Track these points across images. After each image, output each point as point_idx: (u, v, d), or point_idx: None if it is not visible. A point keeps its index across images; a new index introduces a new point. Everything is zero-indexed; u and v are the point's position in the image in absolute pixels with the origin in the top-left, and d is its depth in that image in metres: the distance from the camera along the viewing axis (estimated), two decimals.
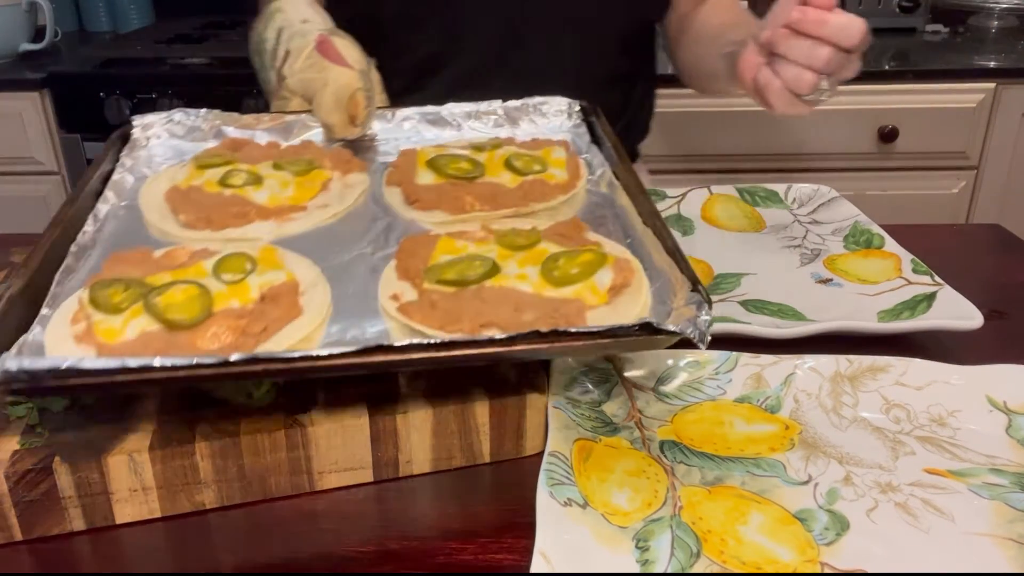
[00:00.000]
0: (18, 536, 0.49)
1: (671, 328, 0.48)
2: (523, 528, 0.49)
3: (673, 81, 1.12)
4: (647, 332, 0.48)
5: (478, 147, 0.72)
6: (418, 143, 0.76)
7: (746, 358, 0.62)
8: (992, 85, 1.76)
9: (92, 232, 0.62)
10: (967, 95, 1.77)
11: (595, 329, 0.48)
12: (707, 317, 0.49)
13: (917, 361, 0.60)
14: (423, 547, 0.49)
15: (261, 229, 0.63)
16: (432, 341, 0.47)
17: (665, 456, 0.54)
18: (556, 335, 0.47)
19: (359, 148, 0.75)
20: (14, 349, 0.48)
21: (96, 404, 0.53)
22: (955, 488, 0.52)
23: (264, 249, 0.59)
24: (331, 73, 0.68)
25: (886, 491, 0.51)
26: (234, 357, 0.44)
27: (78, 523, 0.50)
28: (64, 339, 0.51)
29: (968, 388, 0.59)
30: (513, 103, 0.80)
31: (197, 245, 0.60)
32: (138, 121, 0.74)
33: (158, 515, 0.51)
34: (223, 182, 0.66)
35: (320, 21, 0.77)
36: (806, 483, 0.52)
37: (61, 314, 0.53)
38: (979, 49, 1.96)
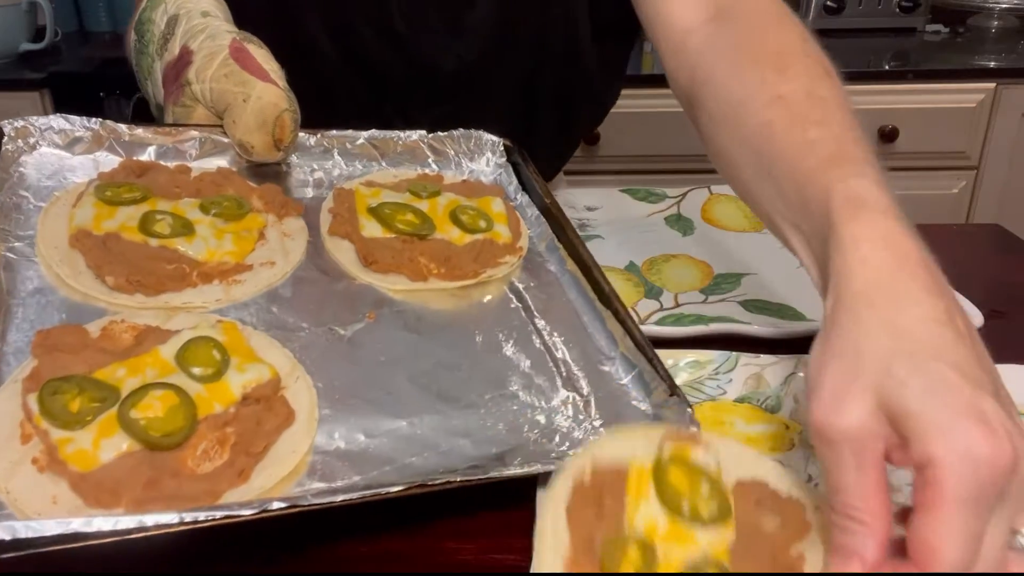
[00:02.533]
0: None
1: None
2: (523, 528, 0.49)
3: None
4: None
5: (415, 192, 0.68)
6: (340, 176, 0.71)
7: (746, 358, 0.62)
8: (992, 85, 1.76)
9: None
10: (967, 95, 1.77)
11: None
12: (693, 420, 0.51)
13: None
14: (423, 547, 0.49)
15: (206, 295, 0.56)
16: (454, 480, 0.46)
17: None
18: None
19: (279, 176, 0.69)
20: None
21: None
22: None
23: (227, 328, 0.53)
24: (254, 89, 0.62)
25: None
26: (275, 506, 0.42)
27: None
28: (20, 468, 0.43)
29: None
30: (436, 135, 0.76)
31: (131, 315, 0.53)
32: (8, 127, 0.63)
33: None
34: (146, 229, 0.58)
35: (221, 14, 0.69)
36: (806, 483, 0.52)
37: None
38: (979, 49, 1.96)
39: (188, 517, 0.40)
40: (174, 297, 0.55)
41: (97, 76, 1.77)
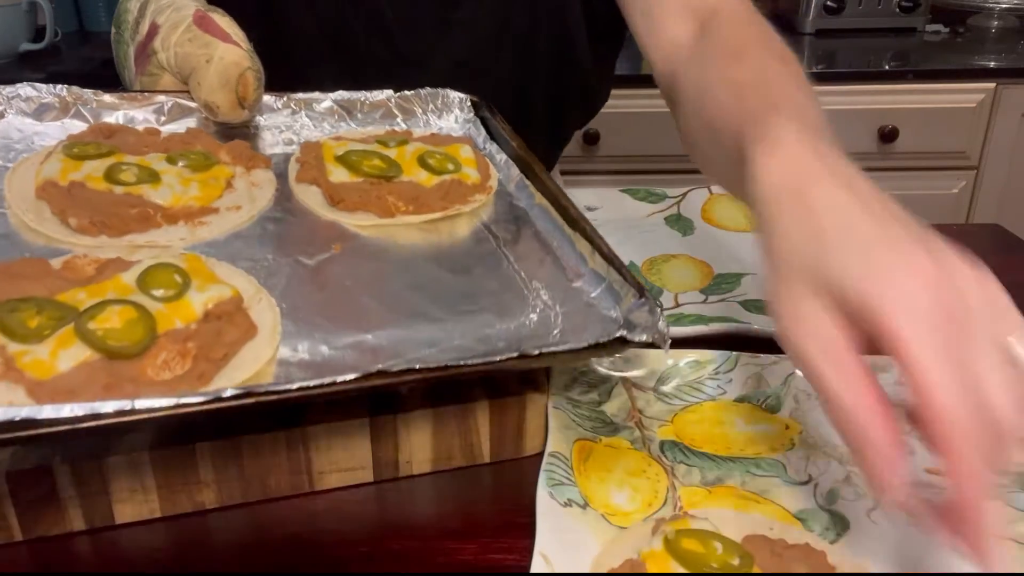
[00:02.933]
0: (18, 536, 0.49)
1: (641, 339, 0.49)
2: (523, 528, 0.49)
3: None
4: (611, 345, 0.49)
5: (383, 142, 0.69)
6: (311, 135, 0.72)
7: (746, 358, 0.62)
8: (992, 85, 1.76)
9: None
10: (967, 95, 1.77)
11: (563, 349, 0.48)
12: (663, 322, 0.49)
13: None
14: (423, 547, 0.49)
15: (171, 234, 0.57)
16: (427, 365, 0.46)
17: (665, 456, 0.54)
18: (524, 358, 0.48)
19: (247, 138, 0.70)
20: None
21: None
22: None
23: (189, 258, 0.54)
24: (216, 50, 0.63)
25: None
26: (227, 393, 0.41)
27: (78, 523, 0.50)
28: None
29: None
30: (403, 94, 0.77)
31: (98, 253, 0.54)
32: None
33: (158, 515, 0.51)
34: (111, 178, 0.59)
35: None
36: (806, 483, 0.52)
37: None
38: (979, 49, 1.96)
39: (141, 404, 0.40)
40: (138, 237, 0.56)
41: (97, 76, 1.77)
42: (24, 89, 0.66)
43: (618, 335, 0.49)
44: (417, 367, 0.46)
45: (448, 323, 0.54)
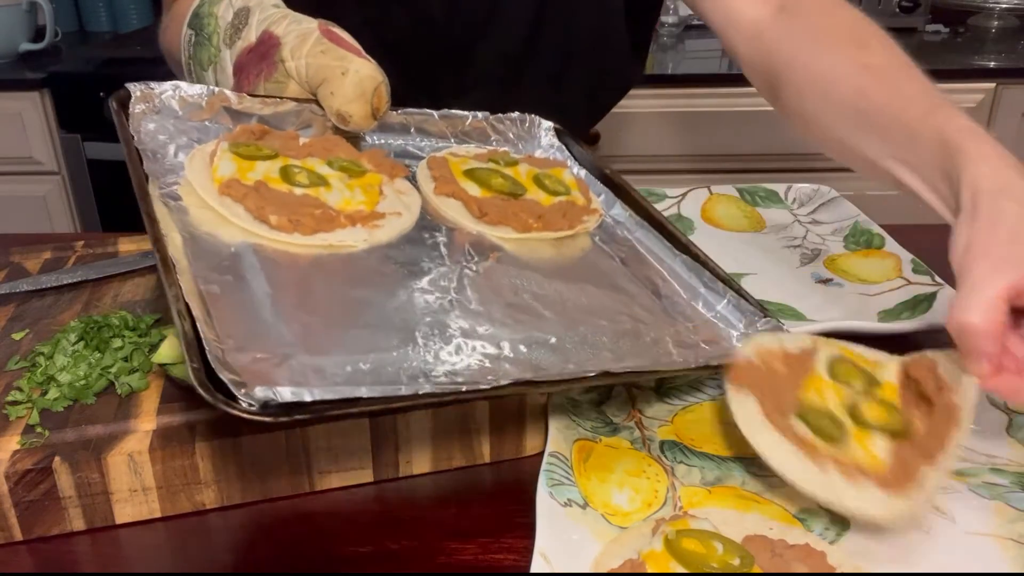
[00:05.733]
0: (18, 536, 0.49)
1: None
2: (523, 528, 0.49)
3: (672, 81, 1.12)
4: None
5: (495, 160, 0.73)
6: (413, 149, 0.76)
7: None
8: (992, 85, 1.76)
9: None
10: (967, 95, 1.77)
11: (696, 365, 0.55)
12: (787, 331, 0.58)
13: None
14: (423, 547, 0.49)
15: (355, 235, 0.60)
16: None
17: (665, 456, 0.54)
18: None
19: (358, 147, 0.73)
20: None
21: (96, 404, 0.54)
22: (955, 488, 0.52)
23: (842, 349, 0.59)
24: (352, 63, 0.67)
25: None
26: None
27: (78, 523, 0.50)
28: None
29: None
30: (498, 116, 0.81)
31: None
32: (135, 90, 0.68)
33: (158, 515, 0.51)
34: (288, 179, 0.63)
35: (284, 7, 0.75)
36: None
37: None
38: (979, 49, 1.96)
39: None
40: (327, 236, 0.59)
41: (97, 76, 1.77)
42: (176, 87, 0.70)
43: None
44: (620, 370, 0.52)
45: (607, 336, 0.57)
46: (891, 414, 0.52)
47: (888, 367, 0.56)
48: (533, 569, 0.44)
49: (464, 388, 0.47)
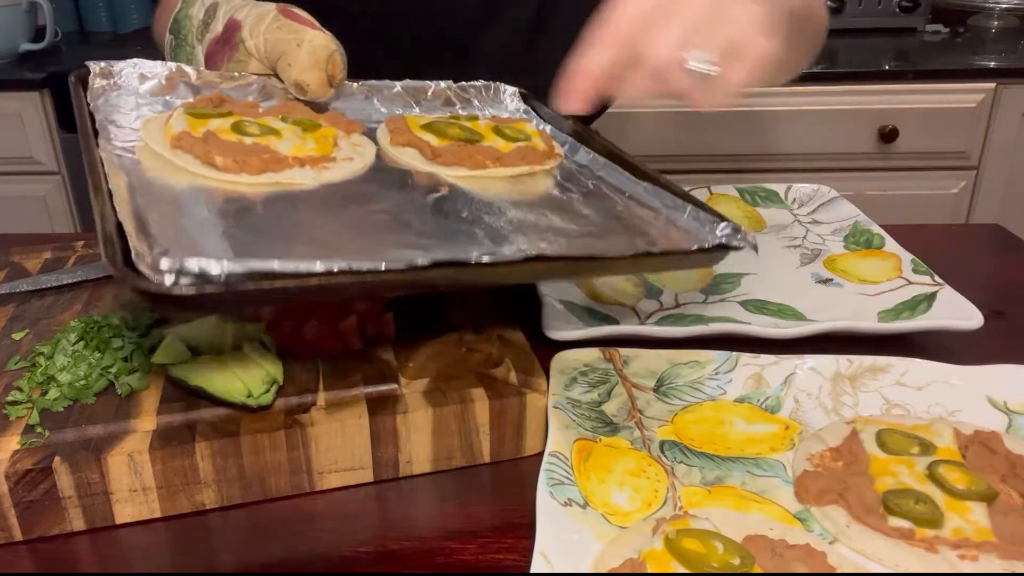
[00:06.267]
0: (18, 536, 0.49)
1: (737, 244, 0.56)
2: (523, 528, 0.49)
3: None
4: (707, 251, 0.57)
5: (456, 117, 0.75)
6: (382, 117, 0.77)
7: (746, 358, 0.62)
8: (992, 85, 1.76)
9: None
10: (967, 95, 1.77)
11: (666, 251, 0.56)
12: (752, 235, 0.57)
13: (917, 361, 0.60)
14: (423, 547, 0.49)
15: (302, 175, 0.61)
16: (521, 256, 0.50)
17: (665, 456, 0.54)
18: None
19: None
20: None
21: (97, 403, 0.54)
22: None
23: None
24: (306, 34, 0.70)
25: None
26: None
27: (78, 523, 0.50)
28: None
29: (968, 388, 0.59)
30: (462, 84, 0.82)
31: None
32: (95, 67, 0.71)
33: (158, 515, 0.51)
34: (239, 130, 0.64)
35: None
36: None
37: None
38: (979, 49, 1.96)
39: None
40: (276, 176, 0.60)
41: None
42: (136, 64, 0.72)
43: (720, 241, 0.56)
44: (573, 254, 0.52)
45: (574, 236, 0.57)
46: (974, 478, 0.50)
47: (938, 431, 0.54)
48: (533, 569, 0.44)
49: (384, 267, 0.46)
